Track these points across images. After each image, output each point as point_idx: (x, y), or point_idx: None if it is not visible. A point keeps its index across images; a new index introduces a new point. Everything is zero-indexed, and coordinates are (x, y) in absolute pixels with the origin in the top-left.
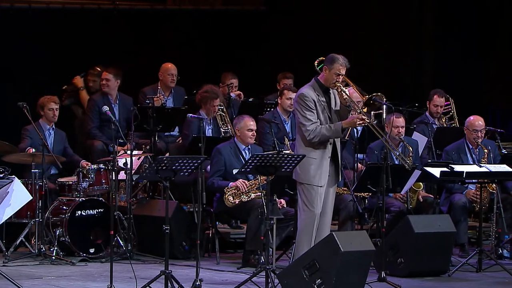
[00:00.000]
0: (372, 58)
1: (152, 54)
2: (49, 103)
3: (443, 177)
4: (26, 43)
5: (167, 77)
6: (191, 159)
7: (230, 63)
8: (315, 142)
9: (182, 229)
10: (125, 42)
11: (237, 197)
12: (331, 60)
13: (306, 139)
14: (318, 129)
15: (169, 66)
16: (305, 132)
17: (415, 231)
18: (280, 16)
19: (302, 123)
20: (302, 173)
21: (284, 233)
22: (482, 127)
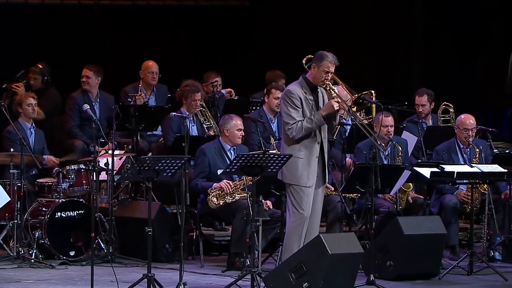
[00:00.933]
0: (361, 56)
1: (134, 51)
2: (27, 99)
3: (434, 178)
4: (2, 39)
5: (148, 75)
6: (175, 159)
7: (215, 60)
8: (300, 138)
9: (165, 231)
10: (106, 39)
11: (221, 198)
12: (319, 57)
13: (291, 138)
14: (299, 125)
15: (150, 64)
16: (288, 131)
17: (405, 233)
18: (265, 11)
19: (286, 121)
20: (290, 174)
21: (270, 235)
22: (473, 126)
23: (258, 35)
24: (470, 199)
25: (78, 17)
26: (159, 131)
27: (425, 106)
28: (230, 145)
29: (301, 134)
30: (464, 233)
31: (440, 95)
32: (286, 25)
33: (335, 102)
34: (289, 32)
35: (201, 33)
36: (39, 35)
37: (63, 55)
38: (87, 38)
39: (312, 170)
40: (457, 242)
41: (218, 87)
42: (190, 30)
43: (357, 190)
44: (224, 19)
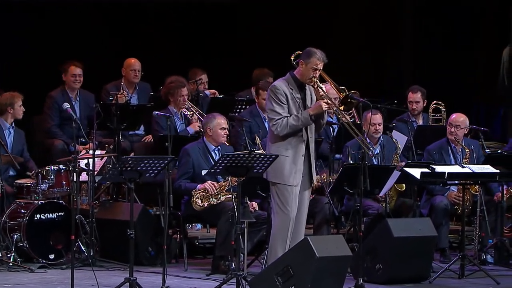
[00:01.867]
0: (350, 53)
1: (116, 48)
2: (18, 99)
3: (424, 178)
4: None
5: (130, 73)
6: (158, 159)
7: (200, 58)
8: (285, 135)
9: (147, 234)
10: (86, 35)
11: (206, 200)
12: (308, 54)
13: (276, 135)
14: (285, 121)
15: (132, 61)
16: (272, 127)
17: (394, 235)
18: (254, 8)
19: (270, 117)
20: (274, 172)
21: (256, 238)
22: (464, 124)
23: (246, 32)
24: (461, 200)
25: (56, 12)
26: (142, 131)
27: (418, 104)
28: (214, 145)
29: (286, 131)
30: (455, 235)
31: (431, 94)
32: (274, 23)
33: (324, 103)
34: (278, 29)
35: (186, 30)
36: (17, 32)
37: (41, 52)
38: (66, 34)
39: (297, 169)
40: (448, 244)
41: (204, 84)
42: (174, 27)
43: (345, 191)
44: (211, 16)
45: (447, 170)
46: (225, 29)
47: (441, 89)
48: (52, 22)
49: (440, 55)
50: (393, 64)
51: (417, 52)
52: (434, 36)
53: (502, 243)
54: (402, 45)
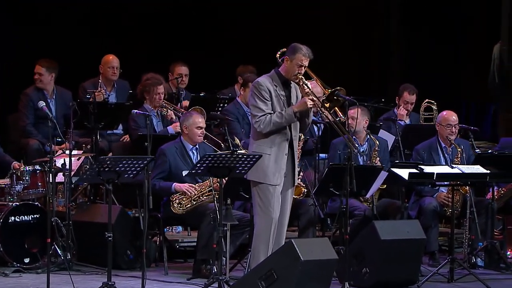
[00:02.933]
0: (336, 49)
1: (94, 44)
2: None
3: (412, 179)
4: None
5: (108, 70)
6: (137, 160)
7: (181, 54)
8: (268, 133)
9: (126, 237)
10: (63, 31)
11: (186, 203)
12: (293, 50)
13: (261, 133)
14: (268, 118)
15: (110, 58)
16: (255, 124)
17: (382, 238)
18: (236, 3)
19: (253, 114)
20: (256, 171)
21: (239, 241)
22: (456, 122)
23: (230, 29)
24: (451, 201)
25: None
26: (120, 130)
27: (412, 105)
28: (191, 144)
29: (269, 128)
30: (444, 238)
31: (420, 91)
32: (260, 18)
33: (309, 100)
34: (263, 25)
35: (167, 26)
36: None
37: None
38: (42, 30)
39: (280, 168)
40: (437, 247)
41: (184, 78)
42: (155, 23)
43: (331, 193)
44: (193, 11)
45: (436, 171)
46: (208, 25)
47: (429, 87)
48: (26, 19)
49: (428, 51)
50: (380, 61)
51: (405, 48)
52: (422, 32)
53: (492, 246)
54: (389, 41)
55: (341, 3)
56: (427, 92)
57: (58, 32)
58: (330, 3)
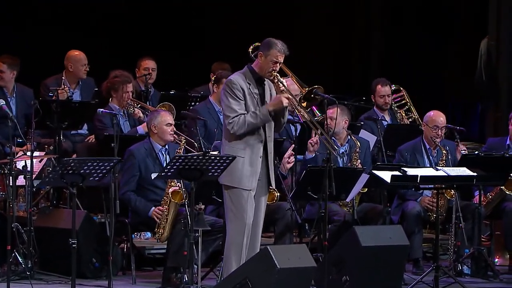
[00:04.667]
0: (314, 46)
1: (57, 39)
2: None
3: (394, 182)
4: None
5: (79, 68)
6: (103, 162)
7: (151, 51)
8: (243, 134)
9: (91, 243)
10: (25, 26)
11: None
12: (267, 45)
13: (234, 134)
14: (242, 119)
15: (80, 55)
16: (228, 125)
17: (362, 244)
18: None
19: (226, 115)
20: (228, 175)
21: (211, 248)
22: (443, 125)
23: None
24: (435, 206)
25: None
26: (85, 130)
27: (389, 98)
28: (161, 144)
29: (244, 129)
30: (429, 245)
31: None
32: (236, 13)
33: (284, 98)
34: (236, 20)
35: (136, 20)
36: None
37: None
38: (1, 25)
39: (254, 172)
40: (421, 254)
41: (152, 73)
42: (123, 18)
43: (309, 196)
44: (160, 3)
45: (420, 173)
46: (180, 20)
47: (413, 85)
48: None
49: (411, 47)
50: (361, 58)
51: (386, 44)
52: (405, 28)
53: (479, 253)
54: (370, 37)
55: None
56: (411, 91)
57: (19, 29)
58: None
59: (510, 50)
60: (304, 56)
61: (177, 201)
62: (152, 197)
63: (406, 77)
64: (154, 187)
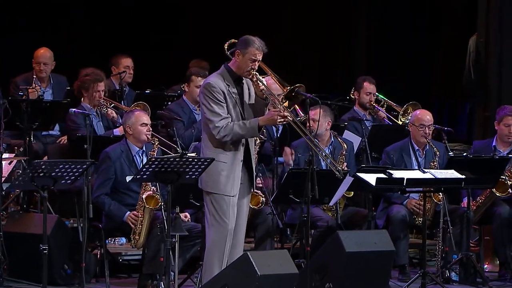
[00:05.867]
0: (296, 43)
1: (28, 34)
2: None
3: (380, 185)
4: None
5: (34, 66)
6: (75, 164)
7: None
8: (227, 141)
9: (63, 249)
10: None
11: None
12: (244, 43)
13: (215, 139)
14: (230, 126)
15: (39, 52)
16: (214, 130)
17: (346, 250)
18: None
19: (210, 119)
20: (211, 181)
21: (189, 254)
22: (430, 123)
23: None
24: (422, 209)
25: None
26: (56, 131)
27: (374, 96)
28: (138, 146)
29: (229, 137)
30: (416, 250)
31: (387, 89)
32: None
33: (279, 117)
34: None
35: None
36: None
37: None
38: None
39: (236, 177)
40: (407, 260)
41: (130, 70)
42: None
43: (291, 200)
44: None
45: (406, 176)
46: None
47: (398, 83)
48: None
49: (396, 44)
50: (345, 55)
51: (371, 41)
52: (390, 23)
53: (468, 259)
54: (354, 34)
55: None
56: (396, 90)
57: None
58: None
59: (499, 47)
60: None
61: (152, 206)
62: (127, 201)
63: (392, 75)
64: (129, 191)
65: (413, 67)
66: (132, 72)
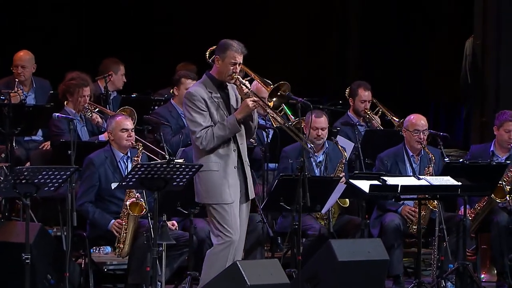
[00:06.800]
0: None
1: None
2: None
3: (373, 192)
4: None
5: (14, 70)
6: (58, 170)
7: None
8: (211, 147)
9: (46, 258)
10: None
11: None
12: (223, 47)
13: (200, 149)
14: (209, 132)
15: (17, 55)
16: (196, 141)
17: (339, 259)
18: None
19: (192, 130)
20: (206, 192)
21: (176, 263)
22: (424, 128)
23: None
24: (417, 217)
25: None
26: (39, 136)
27: (369, 104)
28: (122, 151)
29: (213, 143)
30: (410, 259)
31: (381, 93)
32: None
33: (249, 101)
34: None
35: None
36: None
37: None
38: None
39: (232, 183)
40: (402, 270)
41: (121, 77)
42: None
43: (281, 208)
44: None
45: (401, 183)
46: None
47: (393, 87)
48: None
49: (391, 45)
50: (337, 57)
51: (364, 44)
52: (384, 25)
53: (464, 268)
54: (347, 36)
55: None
56: (390, 94)
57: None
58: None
59: (496, 50)
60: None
61: (137, 213)
62: (112, 209)
63: (385, 78)
64: (114, 198)
65: (408, 69)
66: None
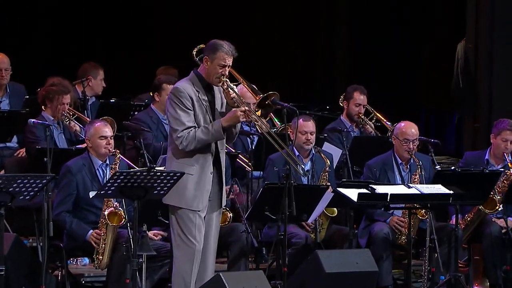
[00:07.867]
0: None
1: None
2: None
3: (362, 201)
4: None
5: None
6: (34, 179)
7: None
8: (191, 149)
9: (21, 270)
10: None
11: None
12: (213, 47)
13: (180, 150)
14: (192, 134)
15: (1, 58)
16: (176, 140)
17: (326, 271)
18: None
19: (173, 128)
20: (175, 194)
21: (157, 275)
22: (415, 137)
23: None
24: (406, 227)
25: None
26: (14, 143)
27: (364, 108)
28: (100, 159)
29: (193, 145)
30: (400, 271)
31: (372, 97)
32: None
33: (239, 112)
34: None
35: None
36: None
37: None
38: None
39: (204, 190)
40: (391, 281)
41: (100, 83)
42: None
43: (266, 217)
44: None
45: (390, 191)
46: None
47: (382, 92)
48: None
49: (380, 49)
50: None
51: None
52: (373, 28)
53: (456, 280)
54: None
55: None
56: (380, 99)
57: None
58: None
59: (489, 53)
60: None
61: (115, 223)
62: (91, 219)
63: (374, 83)
64: (93, 207)
65: (398, 75)
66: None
